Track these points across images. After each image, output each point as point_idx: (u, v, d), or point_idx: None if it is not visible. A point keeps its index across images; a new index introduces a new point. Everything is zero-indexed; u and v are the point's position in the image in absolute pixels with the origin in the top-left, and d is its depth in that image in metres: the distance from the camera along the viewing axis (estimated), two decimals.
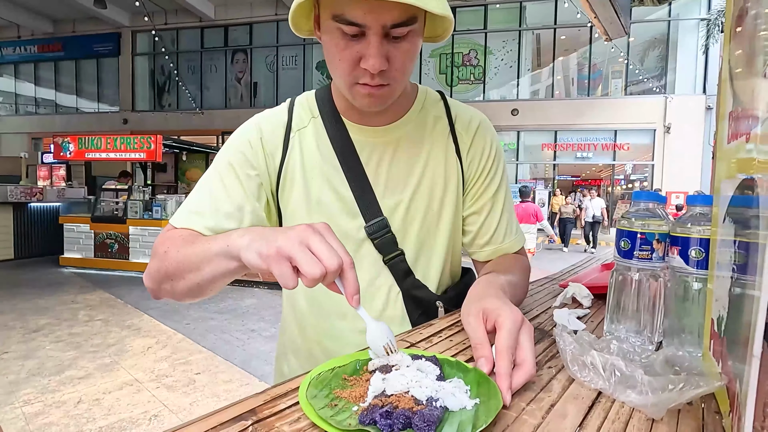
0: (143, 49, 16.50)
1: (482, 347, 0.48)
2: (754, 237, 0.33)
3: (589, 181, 17.27)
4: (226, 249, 0.53)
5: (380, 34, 0.56)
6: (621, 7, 1.12)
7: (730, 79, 0.45)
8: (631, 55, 12.65)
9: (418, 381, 0.41)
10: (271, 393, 0.45)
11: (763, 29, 0.36)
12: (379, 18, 0.55)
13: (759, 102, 0.34)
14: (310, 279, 0.44)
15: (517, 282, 0.69)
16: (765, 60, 0.34)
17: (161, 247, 0.63)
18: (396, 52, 0.59)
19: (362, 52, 0.58)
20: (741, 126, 0.40)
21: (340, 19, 0.56)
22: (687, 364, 0.47)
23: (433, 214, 0.75)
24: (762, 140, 0.32)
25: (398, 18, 0.56)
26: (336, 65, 0.61)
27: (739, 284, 0.38)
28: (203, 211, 0.66)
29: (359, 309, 0.49)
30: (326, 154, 0.72)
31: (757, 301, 0.30)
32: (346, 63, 0.59)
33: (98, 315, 4.52)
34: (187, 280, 0.59)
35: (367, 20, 0.55)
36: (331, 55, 0.61)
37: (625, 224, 0.57)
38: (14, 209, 7.35)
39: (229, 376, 3.13)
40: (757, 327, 0.29)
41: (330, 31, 0.59)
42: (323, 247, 0.45)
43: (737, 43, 0.44)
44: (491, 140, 0.78)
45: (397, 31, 0.57)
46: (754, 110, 0.36)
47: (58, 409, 2.60)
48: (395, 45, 0.59)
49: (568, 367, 0.49)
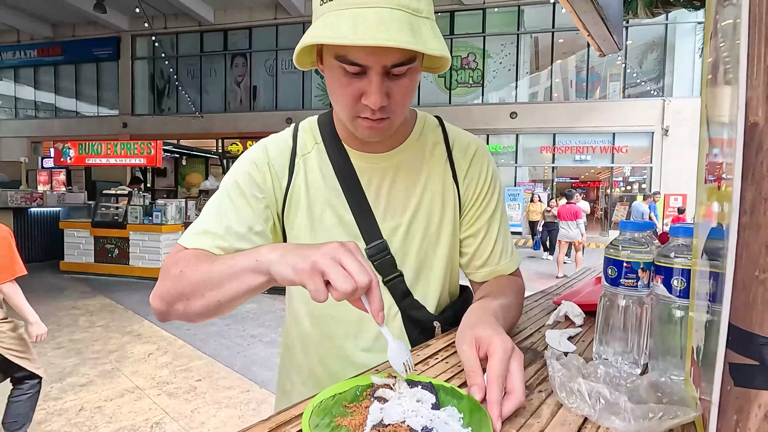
0: (143, 54, 16.55)
1: (475, 375, 0.50)
2: (721, 268, 0.36)
3: (587, 183, 17.33)
4: (255, 264, 0.56)
5: (381, 73, 0.59)
6: (613, 27, 1.15)
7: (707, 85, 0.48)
8: (629, 58, 12.72)
9: (414, 410, 0.44)
10: (276, 420, 0.48)
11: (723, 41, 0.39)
12: (380, 60, 0.58)
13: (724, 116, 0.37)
14: (341, 293, 0.48)
15: (510, 304, 0.72)
16: (726, 69, 0.37)
17: (174, 268, 0.63)
18: (396, 88, 0.62)
19: (363, 89, 0.61)
20: (714, 170, 0.43)
21: (342, 59, 0.59)
22: (669, 390, 0.50)
23: (431, 237, 0.77)
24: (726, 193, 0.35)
25: (398, 59, 0.59)
26: (338, 99, 0.64)
27: (711, 316, 0.41)
28: (215, 232, 0.67)
29: (383, 327, 0.52)
30: (329, 179, 0.75)
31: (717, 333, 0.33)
32: (348, 98, 0.62)
33: (99, 321, 4.54)
34: (207, 298, 0.60)
35: (369, 61, 0.58)
36: (333, 89, 0.64)
37: (612, 252, 0.60)
38: (14, 214, 7.37)
39: (229, 382, 3.15)
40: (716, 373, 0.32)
41: (332, 69, 0.62)
42: (355, 265, 0.49)
43: (710, 52, 0.46)
44: (488, 165, 0.80)
45: (397, 70, 0.60)
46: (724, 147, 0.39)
47: (60, 417, 2.62)
48: (395, 82, 0.61)
49: (557, 393, 0.51)
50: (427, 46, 0.56)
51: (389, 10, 0.55)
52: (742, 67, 0.33)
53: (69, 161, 7.22)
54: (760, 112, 0.33)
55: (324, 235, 0.74)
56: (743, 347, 0.34)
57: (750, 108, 0.34)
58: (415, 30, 0.56)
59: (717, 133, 0.44)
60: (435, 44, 0.57)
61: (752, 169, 0.33)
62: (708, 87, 0.49)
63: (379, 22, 0.54)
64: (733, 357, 0.35)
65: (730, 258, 0.34)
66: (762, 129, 0.33)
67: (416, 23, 0.57)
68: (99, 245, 6.70)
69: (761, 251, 0.33)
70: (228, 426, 2.56)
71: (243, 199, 0.71)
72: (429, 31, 0.58)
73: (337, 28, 0.55)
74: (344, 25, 0.55)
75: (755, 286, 0.33)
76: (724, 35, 0.42)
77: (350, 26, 0.54)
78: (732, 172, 0.35)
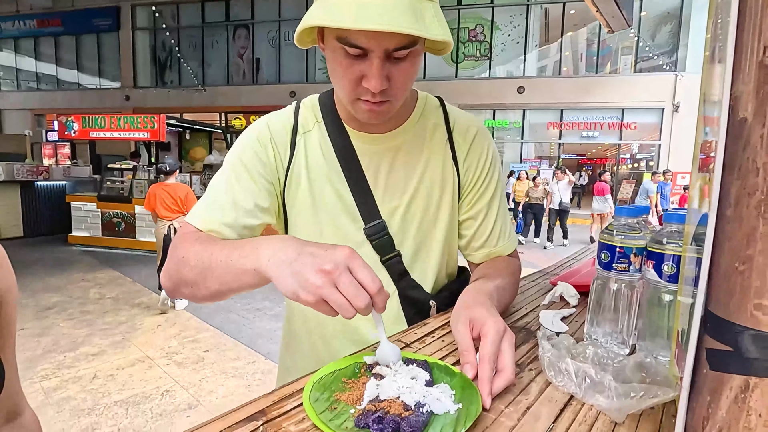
0: (143, 24, 16.24)
1: (468, 353, 0.53)
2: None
3: (594, 160, 17.13)
4: (253, 272, 0.55)
5: (382, 57, 0.59)
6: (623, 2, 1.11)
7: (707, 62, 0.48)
8: (642, 30, 12.33)
9: (409, 387, 0.47)
10: (279, 394, 0.51)
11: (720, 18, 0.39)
12: (382, 43, 0.58)
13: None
14: (347, 317, 0.48)
15: (505, 285, 0.74)
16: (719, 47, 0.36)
17: (179, 250, 0.65)
18: (397, 72, 0.62)
19: (364, 72, 0.61)
20: (706, 149, 0.44)
21: (344, 41, 0.59)
22: (653, 371, 0.52)
23: (429, 218, 0.79)
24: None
25: (400, 42, 0.58)
26: (339, 81, 0.64)
27: (694, 300, 0.42)
28: (222, 207, 0.69)
29: (379, 327, 0.54)
30: (329, 158, 0.76)
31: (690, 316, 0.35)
32: (349, 81, 0.62)
33: (108, 293, 4.65)
34: (209, 288, 0.62)
35: (371, 45, 0.58)
36: (334, 71, 0.64)
37: (606, 237, 0.62)
38: (21, 187, 7.44)
39: (236, 353, 3.25)
40: (687, 357, 0.34)
41: (334, 50, 0.62)
42: (352, 290, 0.48)
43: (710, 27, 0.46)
44: (488, 148, 0.81)
45: (398, 53, 0.60)
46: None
47: (74, 384, 2.73)
48: (396, 65, 0.61)
49: (546, 372, 0.54)
50: (430, 32, 0.56)
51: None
52: (729, 62, 0.33)
53: (73, 135, 7.22)
54: (749, 107, 0.33)
55: (324, 213, 0.76)
56: (721, 334, 0.36)
57: (740, 103, 0.34)
58: (418, 14, 0.56)
59: (711, 112, 0.44)
60: (437, 30, 0.57)
61: (739, 164, 0.34)
62: (706, 63, 0.49)
63: (382, 6, 0.54)
64: (711, 343, 0.37)
65: (707, 247, 0.35)
66: (750, 124, 0.33)
67: (419, 7, 0.57)
68: (106, 219, 6.78)
69: (743, 243, 0.34)
70: (235, 395, 2.66)
71: (247, 175, 0.72)
72: (432, 15, 0.58)
73: (340, 11, 0.55)
74: (347, 7, 0.55)
75: (735, 277, 0.35)
76: (722, 12, 0.41)
77: (353, 9, 0.54)
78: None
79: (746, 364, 0.34)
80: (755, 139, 0.33)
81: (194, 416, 2.42)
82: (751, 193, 0.33)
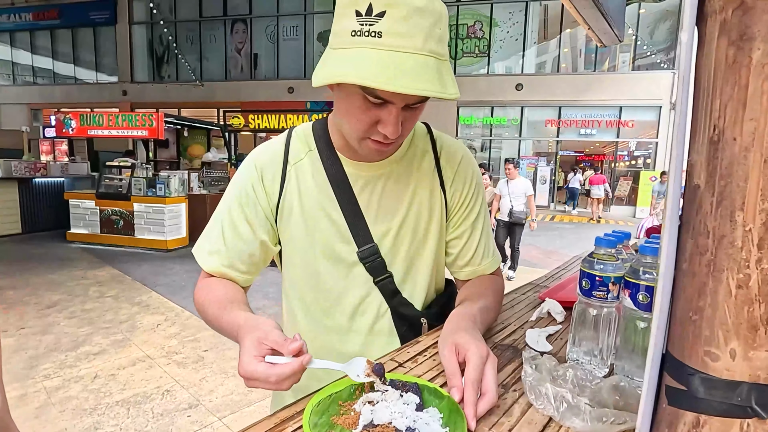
0: (140, 18, 16.15)
1: (454, 378, 0.57)
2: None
3: (591, 157, 17.19)
4: (236, 339, 0.64)
5: (400, 108, 0.63)
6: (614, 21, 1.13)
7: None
8: (640, 26, 12.33)
9: (401, 412, 0.51)
10: (280, 416, 0.55)
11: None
12: (406, 99, 0.61)
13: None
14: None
15: (488, 306, 0.78)
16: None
17: (199, 295, 0.78)
18: (409, 118, 0.67)
19: (381, 118, 0.64)
20: None
21: (369, 92, 0.61)
22: (627, 393, 0.57)
23: (418, 240, 0.83)
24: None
25: (420, 98, 0.63)
26: (352, 122, 0.67)
27: None
28: (219, 252, 0.79)
29: (325, 364, 0.58)
30: (322, 185, 0.80)
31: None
32: (363, 124, 0.66)
33: (108, 291, 4.69)
34: (217, 330, 0.74)
35: (395, 99, 0.61)
36: (348, 111, 0.67)
37: (586, 267, 0.66)
38: (19, 184, 7.44)
39: (235, 353, 3.29)
40: (642, 396, 0.38)
41: (352, 95, 0.64)
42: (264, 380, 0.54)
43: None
44: (472, 172, 0.85)
45: (415, 105, 0.64)
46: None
47: (76, 384, 2.77)
48: (410, 112, 0.66)
49: (527, 394, 0.58)
50: (448, 92, 0.60)
51: (424, 57, 0.58)
52: (682, 133, 0.37)
53: (71, 132, 7.22)
54: (702, 176, 0.37)
55: (317, 238, 0.80)
56: (677, 374, 0.40)
57: (694, 171, 0.38)
58: (440, 76, 0.59)
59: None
60: (453, 89, 0.61)
61: (692, 225, 0.38)
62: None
63: (416, 72, 0.57)
64: (669, 381, 0.41)
65: (659, 295, 0.39)
66: (702, 192, 0.37)
67: (441, 69, 0.60)
68: (104, 216, 6.80)
69: (695, 296, 0.38)
70: (235, 394, 2.71)
71: (242, 216, 0.79)
72: (449, 74, 0.62)
73: (377, 71, 0.56)
74: (383, 69, 0.57)
75: (688, 325, 0.39)
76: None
77: (390, 71, 0.56)
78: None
79: (697, 403, 0.38)
80: (706, 206, 0.37)
81: (195, 416, 2.47)
82: (702, 253, 0.37)
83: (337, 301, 0.83)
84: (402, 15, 0.57)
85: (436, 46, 0.59)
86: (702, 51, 0.37)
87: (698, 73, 0.38)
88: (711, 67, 0.36)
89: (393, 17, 0.57)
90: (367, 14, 0.58)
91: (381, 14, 0.57)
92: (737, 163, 0.34)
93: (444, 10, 0.61)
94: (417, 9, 0.57)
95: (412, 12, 0.57)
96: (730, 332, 0.36)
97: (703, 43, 0.37)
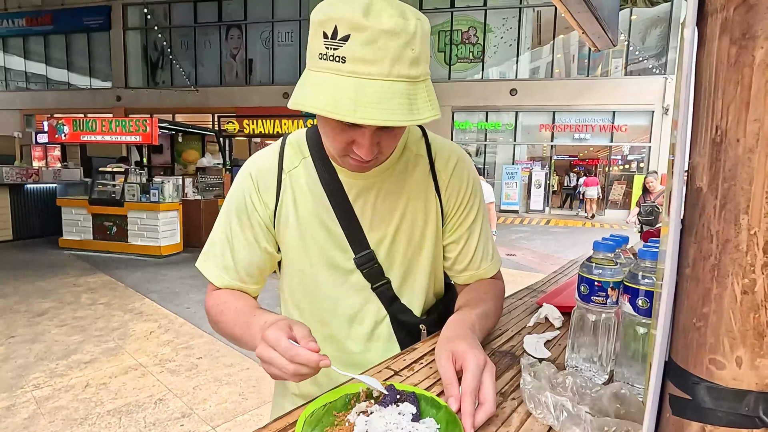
0: (135, 24, 16.12)
1: (451, 387, 0.56)
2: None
3: (585, 161, 17.30)
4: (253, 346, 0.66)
5: (374, 131, 0.62)
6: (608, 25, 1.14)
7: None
8: (632, 32, 12.48)
9: (396, 423, 0.49)
10: (273, 427, 0.53)
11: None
12: (377, 122, 0.59)
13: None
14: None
15: (488, 311, 0.77)
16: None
17: (212, 310, 0.80)
18: (386, 139, 0.65)
19: (355, 139, 0.63)
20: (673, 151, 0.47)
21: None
22: (627, 401, 0.56)
23: (415, 246, 0.82)
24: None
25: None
26: (329, 140, 0.67)
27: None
28: (225, 267, 0.81)
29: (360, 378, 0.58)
30: (317, 193, 0.78)
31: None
32: (339, 143, 0.65)
33: (100, 298, 4.63)
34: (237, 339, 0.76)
35: (365, 124, 0.59)
36: (324, 131, 0.67)
37: (585, 271, 0.65)
38: (11, 190, 7.36)
39: (229, 360, 3.26)
40: (647, 406, 0.37)
41: (326, 118, 0.62)
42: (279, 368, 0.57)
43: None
44: (468, 175, 0.84)
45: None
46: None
47: (67, 393, 2.72)
48: (386, 132, 0.64)
49: (527, 403, 0.57)
50: (421, 116, 0.57)
51: (390, 83, 0.55)
52: (684, 134, 0.36)
53: (63, 138, 7.16)
54: (705, 179, 0.36)
55: (314, 246, 0.79)
56: (681, 383, 0.39)
57: (696, 173, 0.37)
58: (412, 101, 0.57)
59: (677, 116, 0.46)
60: (428, 112, 0.58)
61: (695, 229, 0.37)
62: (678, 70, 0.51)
63: (379, 100, 0.54)
64: (673, 389, 0.40)
65: (663, 302, 0.38)
66: (705, 195, 0.36)
67: (414, 93, 0.57)
68: (97, 222, 6.73)
69: (699, 302, 0.37)
70: (229, 402, 2.67)
71: (240, 229, 0.79)
72: (425, 97, 0.58)
73: (338, 102, 0.55)
74: (345, 98, 0.54)
75: (692, 332, 0.38)
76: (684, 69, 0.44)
77: (351, 101, 0.54)
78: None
79: (702, 413, 0.37)
80: (709, 209, 0.36)
81: (188, 425, 2.43)
82: (706, 257, 0.36)
83: (335, 308, 0.82)
84: (366, 39, 0.54)
85: (407, 69, 0.56)
86: (702, 51, 0.37)
87: (699, 74, 0.37)
88: (712, 66, 0.35)
89: (357, 41, 0.54)
90: (332, 37, 0.55)
91: (345, 38, 0.55)
92: (741, 165, 0.33)
93: (420, 28, 0.57)
94: (384, 32, 0.54)
95: (378, 35, 0.54)
96: (736, 339, 0.35)
97: (703, 43, 0.36)
